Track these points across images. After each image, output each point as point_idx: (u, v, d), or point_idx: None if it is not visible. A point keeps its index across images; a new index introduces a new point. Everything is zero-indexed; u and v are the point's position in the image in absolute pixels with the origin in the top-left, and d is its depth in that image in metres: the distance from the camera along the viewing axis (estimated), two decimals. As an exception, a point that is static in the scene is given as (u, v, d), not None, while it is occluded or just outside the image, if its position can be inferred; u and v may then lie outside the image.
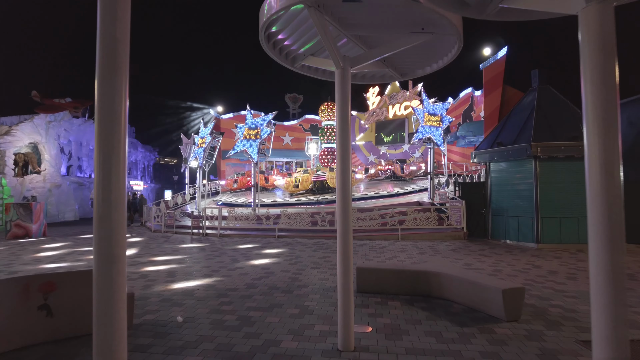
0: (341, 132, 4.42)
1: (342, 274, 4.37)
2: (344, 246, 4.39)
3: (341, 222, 4.39)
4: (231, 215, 14.93)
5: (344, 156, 4.40)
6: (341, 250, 4.40)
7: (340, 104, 4.43)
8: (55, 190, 28.48)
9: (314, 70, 5.85)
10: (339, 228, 4.41)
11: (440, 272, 6.31)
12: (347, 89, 4.48)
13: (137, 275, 8.06)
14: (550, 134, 12.13)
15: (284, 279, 7.62)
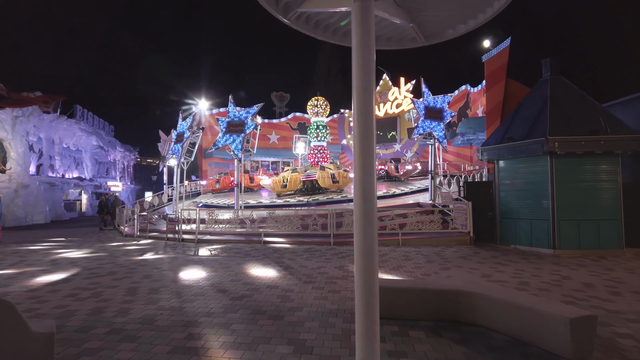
0: (362, 103, 2.98)
1: (364, 313, 2.90)
2: (367, 265, 2.93)
3: (362, 228, 2.93)
4: (211, 218, 13.33)
5: (365, 137, 2.96)
6: (362, 272, 2.93)
7: (360, 59, 2.99)
8: (23, 191, 26.36)
9: (313, 25, 4.38)
10: (359, 238, 2.95)
11: (473, 292, 4.93)
12: (369, 31, 3.02)
13: (88, 294, 6.46)
14: (568, 128, 10.94)
15: (271, 299, 6.14)
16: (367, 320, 2.91)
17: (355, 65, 3.01)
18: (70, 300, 6.04)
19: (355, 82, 3.00)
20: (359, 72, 2.97)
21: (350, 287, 6.82)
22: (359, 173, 2.92)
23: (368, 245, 2.91)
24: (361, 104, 2.97)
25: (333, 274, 7.82)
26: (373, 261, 2.91)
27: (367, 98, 2.97)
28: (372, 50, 3.03)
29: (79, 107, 35.50)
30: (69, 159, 36.38)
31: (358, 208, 2.92)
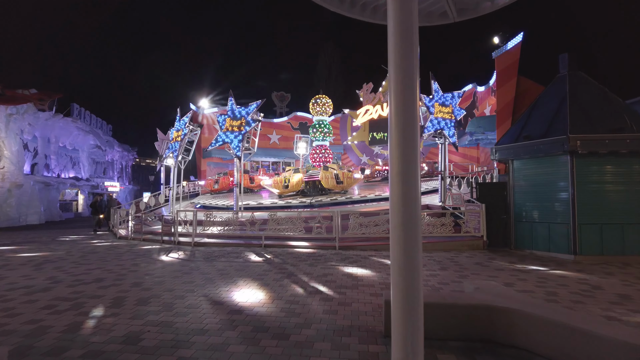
0: (401, 88, 2.31)
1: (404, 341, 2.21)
2: (408, 285, 2.24)
3: (402, 239, 2.24)
4: (208, 219, 12.61)
5: (406, 131, 2.30)
6: (404, 294, 2.24)
7: (399, 33, 2.32)
8: (16, 191, 25.62)
9: (338, 1, 3.69)
10: (398, 252, 2.27)
11: (511, 308, 4.22)
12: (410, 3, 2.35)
13: (68, 305, 5.74)
14: (589, 126, 10.26)
15: (274, 312, 5.42)
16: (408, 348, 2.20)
17: (393, 41, 2.32)
18: (45, 314, 5.32)
19: (393, 63, 2.30)
20: (398, 49, 2.28)
21: (362, 298, 6.11)
22: (397, 171, 2.22)
23: (410, 259, 2.22)
24: (400, 89, 2.28)
25: (341, 283, 7.11)
26: (416, 280, 2.22)
27: (407, 81, 2.28)
28: (413, 20, 2.34)
29: (76, 106, 34.80)
30: (65, 158, 35.66)
31: (397, 214, 2.23)
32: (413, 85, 2.26)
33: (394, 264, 2.24)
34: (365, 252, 10.74)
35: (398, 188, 2.20)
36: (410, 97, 2.25)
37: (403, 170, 2.20)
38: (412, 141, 2.22)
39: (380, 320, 5.05)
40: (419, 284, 2.21)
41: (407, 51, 2.27)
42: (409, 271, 2.20)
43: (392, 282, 2.28)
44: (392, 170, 2.25)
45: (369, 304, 5.78)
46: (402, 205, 2.19)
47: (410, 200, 2.19)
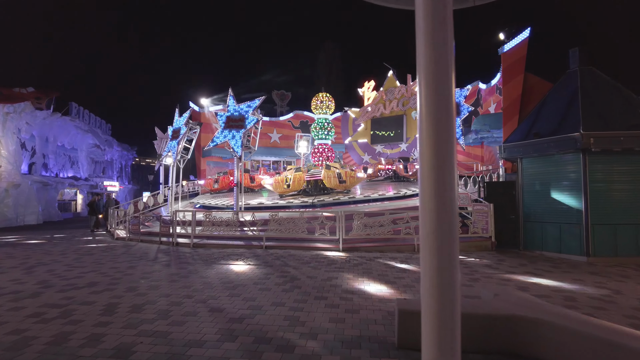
0: (433, 77, 1.94)
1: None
2: (445, 295, 1.86)
3: (436, 247, 1.87)
4: (208, 220, 12.23)
5: (442, 115, 1.92)
6: (440, 306, 1.87)
7: (431, 15, 1.97)
8: (13, 191, 25.25)
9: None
10: (431, 258, 1.89)
11: (536, 319, 3.86)
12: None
13: (56, 313, 5.37)
14: (602, 123, 9.89)
15: (277, 320, 5.06)
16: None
17: (423, 26, 1.95)
18: (31, 322, 4.95)
19: (423, 47, 1.93)
20: (429, 33, 1.92)
21: (370, 305, 5.74)
22: (430, 165, 1.86)
23: (447, 270, 1.85)
24: (432, 78, 1.91)
25: (347, 288, 6.75)
26: (454, 295, 1.85)
27: (441, 70, 1.91)
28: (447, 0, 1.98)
29: (75, 105, 34.40)
30: (63, 157, 35.29)
31: (430, 216, 1.85)
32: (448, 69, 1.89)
33: (427, 275, 1.88)
34: (370, 253, 10.38)
35: (431, 185, 1.84)
36: (444, 81, 1.88)
37: (437, 164, 1.83)
38: (447, 131, 1.85)
39: (391, 330, 4.69)
40: (457, 299, 1.85)
41: (440, 35, 1.90)
42: (445, 286, 1.83)
43: (425, 295, 1.91)
44: (423, 165, 1.88)
45: (378, 312, 5.42)
46: (436, 205, 1.83)
47: (446, 198, 1.83)
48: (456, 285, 1.85)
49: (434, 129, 1.86)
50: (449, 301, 1.84)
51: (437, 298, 1.84)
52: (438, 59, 1.87)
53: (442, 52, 1.87)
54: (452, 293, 1.84)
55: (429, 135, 1.86)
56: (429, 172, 1.85)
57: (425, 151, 1.87)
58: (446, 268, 1.83)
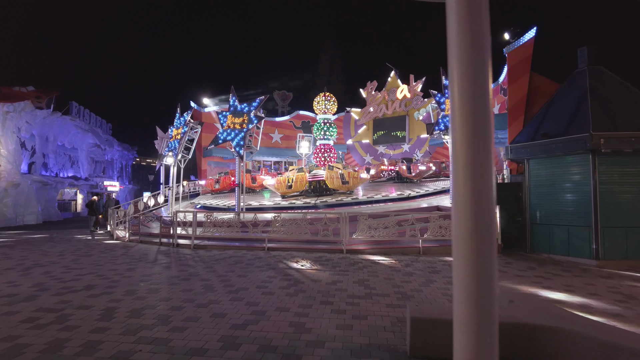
0: (468, 65, 1.75)
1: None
2: (483, 304, 1.65)
3: (475, 243, 1.66)
4: (209, 221, 12.01)
5: (480, 110, 1.72)
6: (474, 314, 1.67)
7: (466, 6, 1.77)
8: (13, 190, 25.07)
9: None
10: (466, 261, 1.68)
11: (559, 328, 3.64)
12: None
13: (52, 318, 5.16)
14: (612, 123, 9.68)
15: (282, 327, 4.84)
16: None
17: (456, 16, 1.75)
18: (25, 328, 4.74)
19: (456, 37, 1.73)
20: (464, 23, 1.72)
21: (377, 310, 5.52)
22: (464, 163, 1.65)
23: (484, 279, 1.64)
24: (466, 66, 1.70)
25: (353, 292, 6.53)
26: (492, 308, 1.64)
27: (477, 58, 1.70)
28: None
29: (75, 104, 34.23)
30: (63, 157, 35.10)
31: (465, 218, 1.65)
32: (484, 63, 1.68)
33: (463, 285, 1.67)
34: (374, 256, 10.16)
35: (466, 184, 1.63)
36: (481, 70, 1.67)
37: (473, 161, 1.62)
38: (484, 125, 1.64)
39: (401, 338, 4.48)
40: (495, 311, 1.64)
41: (476, 23, 1.70)
42: (484, 297, 1.62)
43: (461, 307, 1.71)
44: (456, 162, 1.67)
45: (386, 317, 5.20)
46: (473, 206, 1.62)
47: (483, 199, 1.62)
48: (495, 295, 1.64)
49: (470, 123, 1.65)
50: (487, 313, 1.64)
51: (474, 311, 1.63)
52: (473, 46, 1.66)
53: (478, 40, 1.66)
54: (491, 304, 1.64)
55: (464, 132, 1.65)
56: (464, 173, 1.64)
57: (460, 150, 1.66)
58: (485, 277, 1.62)
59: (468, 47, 1.67)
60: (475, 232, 1.62)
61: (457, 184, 1.67)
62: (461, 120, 1.67)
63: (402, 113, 28.69)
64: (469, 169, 1.63)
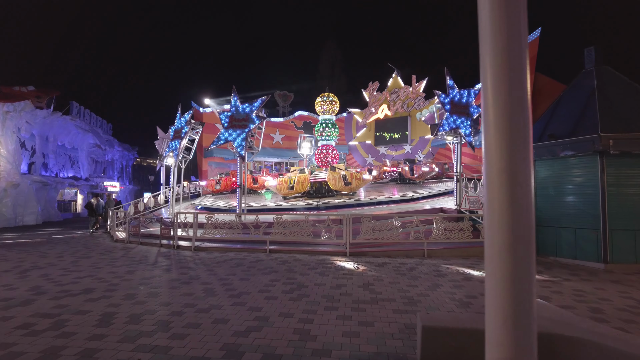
0: (504, 53, 1.55)
1: None
2: (520, 311, 1.47)
3: (512, 253, 1.48)
4: (210, 222, 11.84)
5: (518, 106, 1.53)
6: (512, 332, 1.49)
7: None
8: (12, 190, 24.91)
9: None
10: (504, 271, 1.49)
11: (579, 338, 3.46)
12: None
13: (48, 323, 4.99)
14: (621, 124, 9.51)
15: (286, 334, 4.67)
16: None
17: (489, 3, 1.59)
18: (19, 335, 4.57)
19: (489, 24, 1.56)
20: (497, 9, 1.55)
21: (384, 316, 5.35)
22: (500, 168, 1.48)
23: (524, 292, 1.47)
24: (501, 53, 1.53)
25: (359, 296, 6.36)
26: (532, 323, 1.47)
27: (514, 47, 1.53)
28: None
29: (75, 104, 34.08)
30: (63, 157, 34.96)
31: (501, 226, 1.48)
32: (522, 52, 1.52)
33: (497, 304, 1.50)
34: (378, 259, 9.98)
35: (502, 192, 1.46)
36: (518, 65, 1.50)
37: (511, 166, 1.45)
38: (523, 124, 1.48)
39: (411, 346, 4.31)
40: (534, 331, 1.47)
41: (512, 9, 1.53)
42: (522, 320, 1.45)
43: (495, 328, 1.54)
44: (490, 166, 1.50)
45: (394, 324, 5.03)
46: (511, 216, 1.45)
47: (522, 208, 1.45)
48: (534, 316, 1.47)
49: (506, 122, 1.48)
50: (527, 335, 1.47)
51: (512, 332, 1.47)
52: (509, 28, 1.49)
53: (514, 26, 1.49)
54: (530, 326, 1.47)
55: (499, 132, 1.49)
56: (499, 181, 1.47)
57: (494, 153, 1.49)
58: (524, 296, 1.45)
59: (503, 32, 1.50)
60: (513, 244, 1.45)
61: (491, 192, 1.49)
62: (496, 119, 1.50)
63: (404, 114, 28.50)
64: (505, 175, 1.46)
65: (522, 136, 1.47)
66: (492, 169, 1.49)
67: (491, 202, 1.49)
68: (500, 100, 1.49)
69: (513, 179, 1.44)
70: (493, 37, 1.52)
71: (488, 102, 1.53)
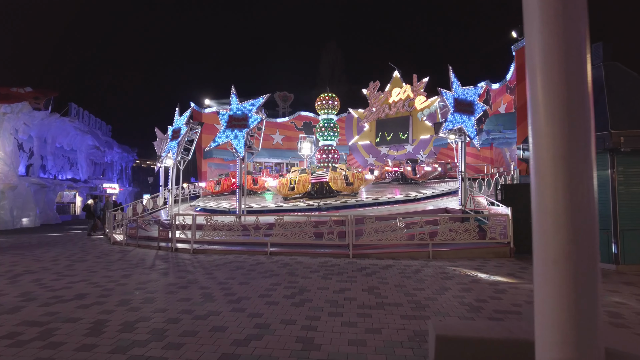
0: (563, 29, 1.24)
1: None
2: (584, 329, 1.15)
3: (574, 259, 1.17)
4: (209, 224, 11.55)
5: (576, 88, 1.22)
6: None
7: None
8: (10, 193, 24.64)
9: None
10: (559, 279, 1.18)
11: (607, 349, 3.16)
12: None
13: (35, 332, 4.70)
14: (632, 121, 9.23)
15: (288, 343, 4.39)
16: None
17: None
18: (4, 346, 4.28)
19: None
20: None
21: (392, 322, 5.06)
22: (555, 155, 1.19)
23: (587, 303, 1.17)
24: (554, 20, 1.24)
25: (364, 301, 6.07)
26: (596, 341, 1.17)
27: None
28: None
29: (74, 105, 33.83)
30: (62, 159, 34.69)
31: (560, 241, 1.18)
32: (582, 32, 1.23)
33: (551, 317, 1.20)
34: (382, 260, 9.70)
35: (558, 189, 1.17)
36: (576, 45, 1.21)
37: (569, 153, 1.16)
38: (582, 108, 1.20)
39: (421, 355, 4.03)
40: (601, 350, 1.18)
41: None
42: (586, 341, 1.17)
43: (547, 332, 1.25)
44: (541, 155, 1.21)
45: (402, 331, 4.74)
46: (570, 219, 1.16)
47: (584, 210, 1.16)
48: (600, 340, 1.19)
49: (563, 107, 1.20)
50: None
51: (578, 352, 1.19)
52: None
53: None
54: (594, 342, 1.19)
55: (553, 120, 1.20)
56: (553, 179, 1.19)
57: (547, 143, 1.21)
58: (586, 316, 1.17)
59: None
60: (573, 251, 1.17)
61: (542, 190, 1.21)
62: (547, 94, 1.22)
63: (405, 113, 28.25)
64: (562, 169, 1.18)
65: (582, 116, 1.19)
66: (543, 158, 1.21)
67: (544, 195, 1.21)
68: (554, 84, 1.21)
69: (572, 175, 1.16)
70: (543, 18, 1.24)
71: (537, 87, 1.25)
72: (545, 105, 1.22)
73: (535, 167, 1.24)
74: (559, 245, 1.17)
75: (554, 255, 1.18)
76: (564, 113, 1.18)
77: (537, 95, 1.25)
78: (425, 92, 27.20)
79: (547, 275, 1.20)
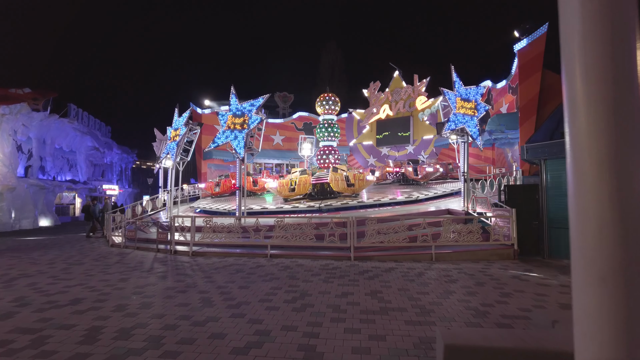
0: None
1: None
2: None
3: (623, 264, 1.00)
4: (208, 226, 11.38)
5: (625, 73, 1.05)
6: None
7: None
8: (9, 194, 24.50)
9: None
10: (610, 287, 1.01)
11: None
12: None
13: (27, 340, 4.54)
14: (638, 120, 9.05)
15: (290, 351, 4.23)
16: None
17: None
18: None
19: None
20: None
21: (396, 329, 4.91)
22: (605, 153, 1.02)
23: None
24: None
25: (367, 306, 5.91)
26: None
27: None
28: None
29: (73, 106, 33.71)
30: (61, 160, 34.57)
31: (607, 253, 1.01)
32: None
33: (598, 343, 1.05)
34: (384, 263, 9.54)
35: (603, 193, 1.01)
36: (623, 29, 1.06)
37: (617, 153, 1.01)
38: (631, 95, 1.03)
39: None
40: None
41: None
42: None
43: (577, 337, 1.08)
44: (582, 157, 1.05)
45: (407, 338, 4.59)
46: (620, 228, 1.00)
47: (635, 212, 1.00)
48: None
49: (610, 96, 1.04)
50: None
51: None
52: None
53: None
54: None
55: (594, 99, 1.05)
56: (598, 183, 1.03)
57: (588, 139, 1.05)
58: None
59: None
60: (625, 267, 1.01)
61: (582, 181, 1.06)
62: (589, 85, 1.06)
63: (406, 114, 28.10)
64: (608, 167, 1.02)
65: (629, 111, 1.04)
66: (584, 160, 1.05)
67: (583, 192, 1.05)
68: (596, 55, 1.05)
69: (620, 176, 1.00)
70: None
71: (574, 63, 1.09)
72: (585, 95, 1.06)
73: (573, 175, 1.08)
74: (607, 256, 1.01)
75: (606, 270, 1.02)
76: (611, 111, 1.03)
77: (574, 89, 1.09)
78: (426, 92, 27.05)
79: (593, 297, 1.04)
